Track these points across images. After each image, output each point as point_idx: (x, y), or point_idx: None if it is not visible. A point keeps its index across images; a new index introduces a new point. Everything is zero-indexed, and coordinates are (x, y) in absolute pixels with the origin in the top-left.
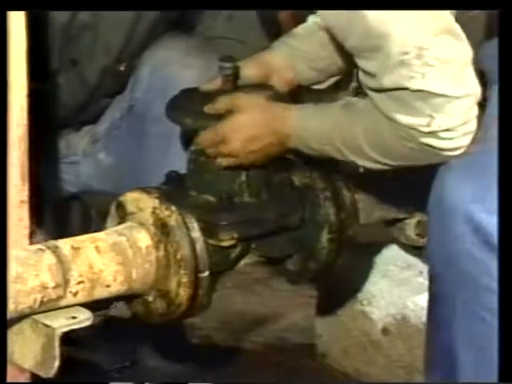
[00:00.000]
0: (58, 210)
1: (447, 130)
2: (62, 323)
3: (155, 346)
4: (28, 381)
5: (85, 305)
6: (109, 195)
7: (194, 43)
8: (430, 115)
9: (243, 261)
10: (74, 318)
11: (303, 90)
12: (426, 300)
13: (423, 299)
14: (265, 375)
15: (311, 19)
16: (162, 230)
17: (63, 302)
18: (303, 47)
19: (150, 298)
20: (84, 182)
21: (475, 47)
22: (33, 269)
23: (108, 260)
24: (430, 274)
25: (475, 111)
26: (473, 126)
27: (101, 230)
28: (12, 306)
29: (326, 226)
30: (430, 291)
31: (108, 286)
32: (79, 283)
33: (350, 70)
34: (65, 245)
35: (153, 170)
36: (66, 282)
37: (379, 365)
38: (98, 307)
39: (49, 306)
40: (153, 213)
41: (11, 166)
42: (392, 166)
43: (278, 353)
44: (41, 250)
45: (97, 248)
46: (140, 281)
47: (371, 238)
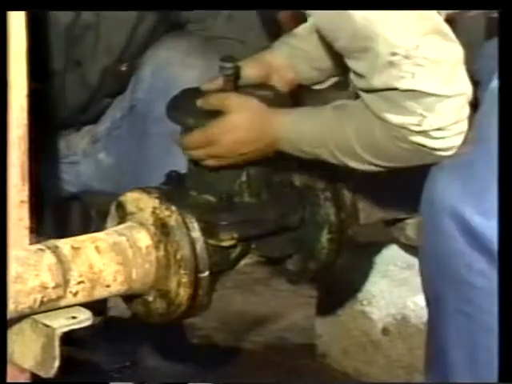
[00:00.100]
0: (58, 210)
1: (439, 129)
2: (61, 323)
3: (155, 346)
4: (28, 381)
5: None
6: (109, 195)
7: (195, 43)
8: (422, 114)
9: (243, 261)
10: (74, 317)
11: (304, 90)
12: None
13: (423, 299)
14: (265, 375)
15: (311, 19)
16: (162, 229)
17: (63, 302)
18: (304, 47)
19: (150, 298)
20: (84, 182)
21: (475, 47)
22: (33, 269)
23: (108, 260)
24: (421, 274)
25: (467, 111)
26: (464, 125)
27: (101, 230)
28: (12, 306)
29: (326, 226)
30: (423, 290)
31: (108, 286)
32: (79, 283)
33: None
34: (65, 245)
35: (155, 169)
36: (66, 282)
37: (379, 365)
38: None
39: (49, 306)
40: (153, 213)
41: (11, 166)
42: (385, 167)
43: (278, 353)
44: (41, 249)
45: (97, 248)
46: (140, 281)
47: (371, 238)
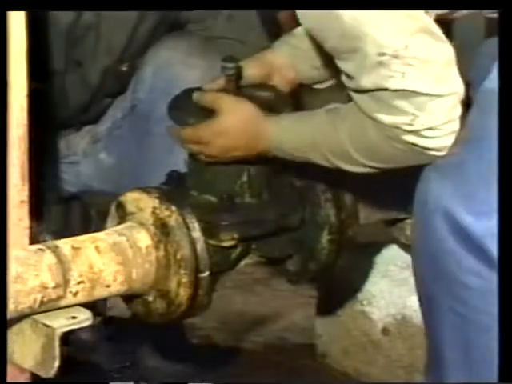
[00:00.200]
0: (58, 210)
1: (430, 128)
2: (61, 323)
3: (155, 346)
4: (28, 381)
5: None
6: (109, 195)
7: (196, 43)
8: (413, 114)
9: (244, 261)
10: (74, 317)
11: (304, 90)
12: None
13: None
14: (265, 375)
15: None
16: (162, 230)
17: (63, 302)
18: (304, 46)
19: (150, 298)
20: (84, 182)
21: (474, 47)
22: (33, 269)
23: (108, 260)
24: (414, 274)
25: (459, 110)
26: (456, 125)
27: (101, 230)
28: (12, 306)
29: (327, 226)
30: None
31: (108, 286)
32: (79, 283)
33: None
34: (65, 245)
35: (155, 169)
36: (66, 282)
37: (379, 365)
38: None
39: (49, 306)
40: (153, 213)
41: (11, 166)
42: (379, 168)
43: (278, 353)
44: (41, 249)
45: (97, 248)
46: (140, 281)
47: (371, 238)
